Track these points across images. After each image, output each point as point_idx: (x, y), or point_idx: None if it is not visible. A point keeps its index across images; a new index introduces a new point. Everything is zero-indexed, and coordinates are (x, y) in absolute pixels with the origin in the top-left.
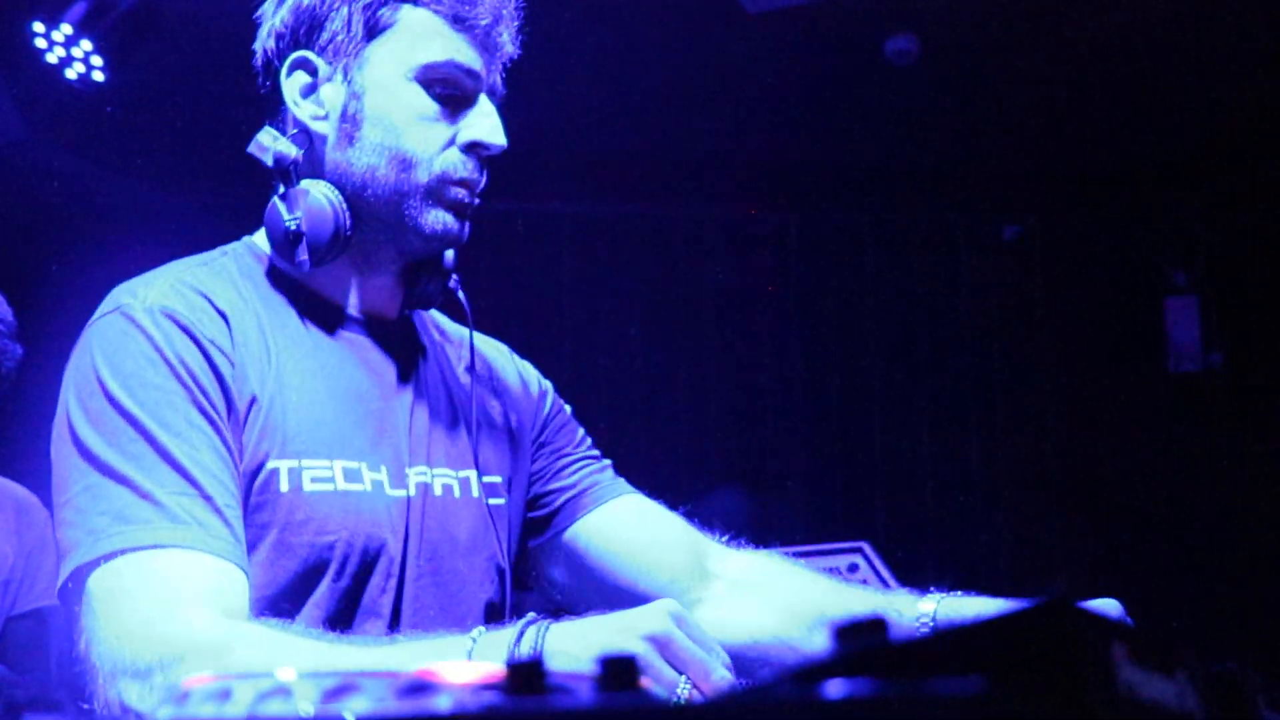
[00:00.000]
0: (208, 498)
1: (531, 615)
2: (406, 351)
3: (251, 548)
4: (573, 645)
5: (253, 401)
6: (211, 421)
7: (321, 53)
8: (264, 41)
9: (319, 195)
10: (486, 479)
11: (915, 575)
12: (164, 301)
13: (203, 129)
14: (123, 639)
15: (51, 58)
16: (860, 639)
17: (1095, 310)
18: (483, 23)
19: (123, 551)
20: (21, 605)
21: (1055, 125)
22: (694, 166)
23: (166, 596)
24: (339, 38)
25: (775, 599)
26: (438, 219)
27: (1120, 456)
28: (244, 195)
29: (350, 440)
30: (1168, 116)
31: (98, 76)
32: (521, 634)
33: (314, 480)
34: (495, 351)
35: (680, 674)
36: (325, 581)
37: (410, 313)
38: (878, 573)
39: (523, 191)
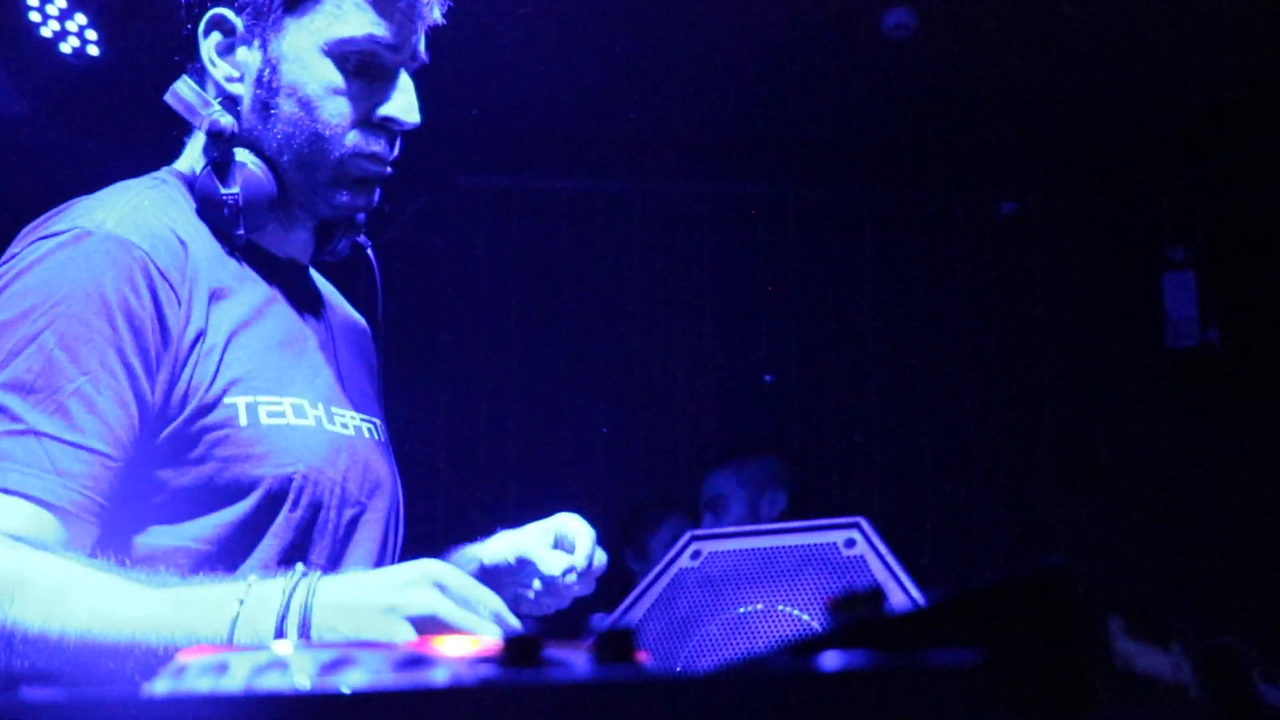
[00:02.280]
0: (82, 446)
1: (299, 567)
2: (317, 299)
3: (212, 480)
4: (341, 622)
5: (199, 336)
6: (127, 366)
7: (240, 12)
8: None
9: (254, 168)
10: (385, 427)
11: (913, 551)
12: (120, 230)
13: None
14: None
15: (46, 31)
16: (856, 611)
17: (1092, 286)
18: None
19: None
20: None
21: (1053, 100)
22: (689, 142)
23: None
24: (259, 3)
25: None
26: (345, 193)
27: (1117, 432)
28: None
29: (293, 378)
30: (1165, 92)
31: (93, 51)
32: (290, 596)
33: (269, 415)
34: (359, 314)
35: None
36: (283, 512)
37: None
38: (875, 549)
39: (518, 168)
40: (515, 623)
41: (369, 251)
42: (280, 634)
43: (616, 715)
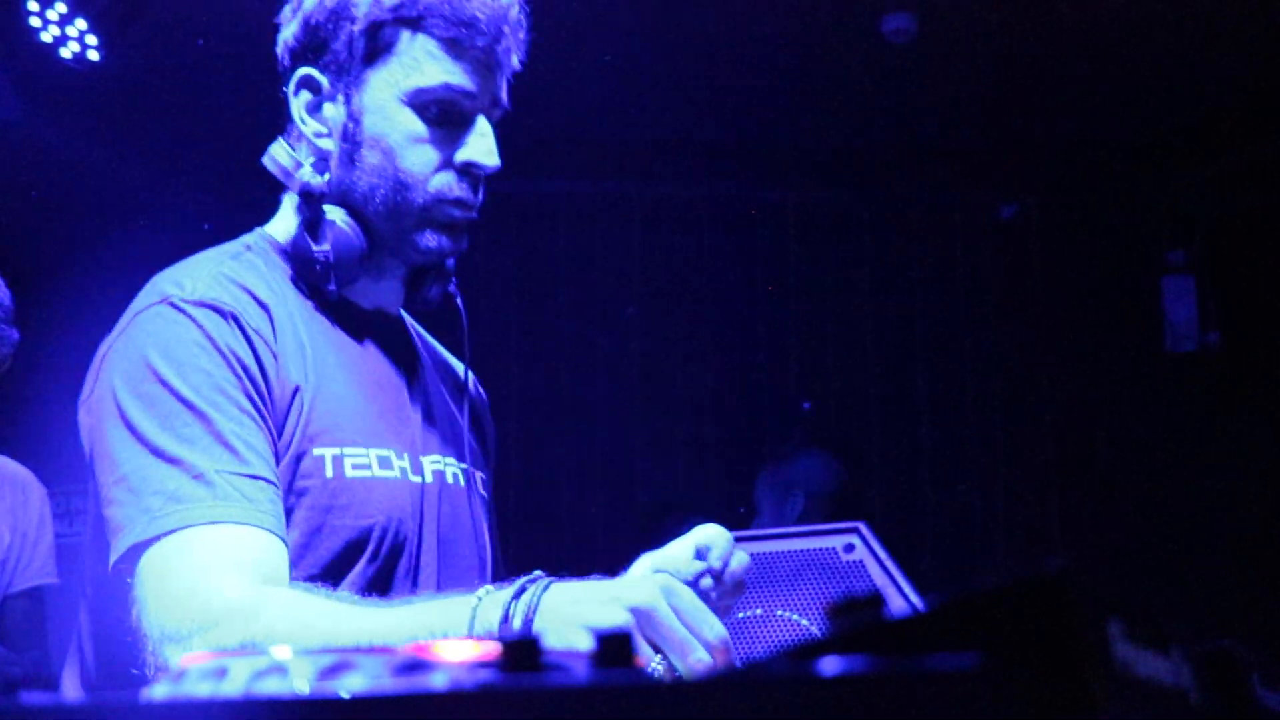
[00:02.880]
0: (255, 476)
1: (537, 573)
2: (408, 347)
3: (296, 528)
4: (565, 609)
5: (295, 391)
6: (258, 409)
7: (325, 71)
8: (280, 49)
9: (344, 226)
10: (482, 475)
11: (912, 555)
12: (209, 293)
13: (198, 108)
14: (167, 607)
15: (46, 36)
16: (855, 616)
17: (1092, 289)
18: (480, 44)
19: (175, 530)
20: (18, 584)
21: (1052, 104)
22: (689, 146)
23: (207, 566)
24: (341, 59)
25: None
26: (432, 238)
27: (1117, 435)
28: (238, 175)
29: (379, 429)
30: (1165, 95)
31: (93, 56)
32: (520, 593)
33: (354, 467)
34: (456, 359)
35: (657, 651)
36: (361, 562)
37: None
38: (874, 553)
39: (518, 172)
40: (720, 659)
41: (458, 301)
42: (506, 618)
43: None
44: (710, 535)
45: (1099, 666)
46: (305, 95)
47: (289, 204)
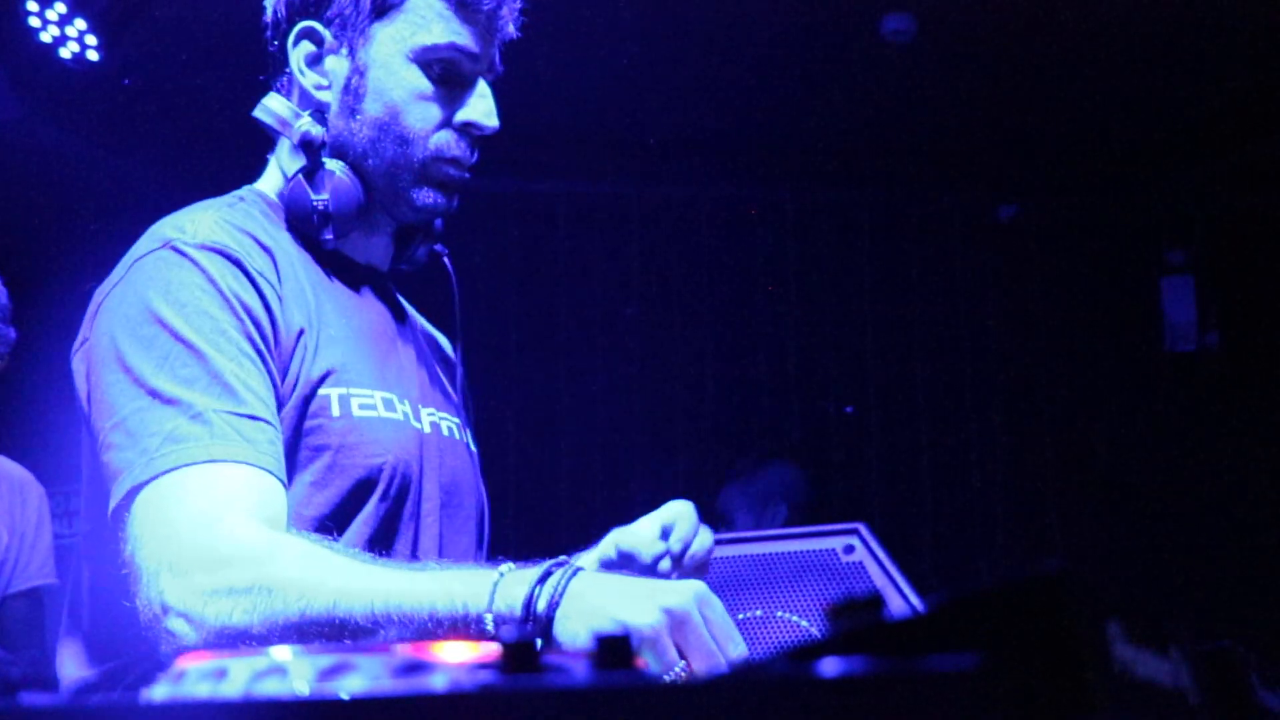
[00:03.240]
0: (255, 417)
1: (562, 558)
2: (397, 303)
3: (305, 468)
4: (593, 599)
5: (301, 332)
6: (259, 352)
7: (328, 24)
8: (273, 4)
9: (344, 177)
10: (469, 428)
11: (912, 556)
12: (213, 237)
13: (197, 108)
14: (169, 540)
15: (45, 36)
16: (855, 617)
17: (1091, 290)
18: (485, 7)
19: (173, 469)
20: (17, 584)
21: (1052, 104)
22: (688, 146)
23: (212, 503)
24: (347, 12)
25: None
26: (428, 194)
27: (1116, 436)
28: (236, 175)
29: (383, 374)
30: (1164, 96)
31: (92, 56)
32: (546, 576)
33: (361, 407)
34: (439, 332)
35: (682, 658)
36: (372, 500)
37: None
38: (874, 554)
39: (517, 171)
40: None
41: (446, 260)
42: (531, 600)
43: None
44: (675, 513)
45: (1098, 667)
46: (306, 47)
47: (278, 160)
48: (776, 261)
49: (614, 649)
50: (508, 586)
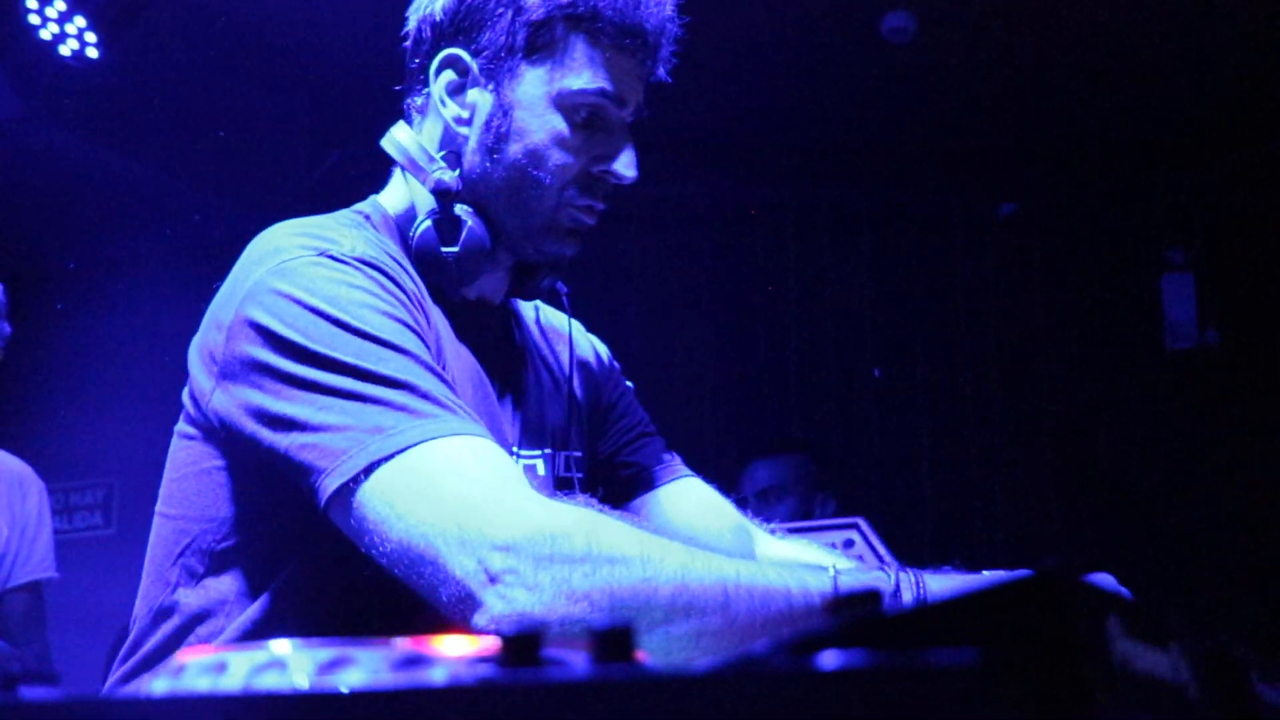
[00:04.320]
0: (464, 409)
1: (893, 566)
2: (507, 332)
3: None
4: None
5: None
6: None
7: (475, 55)
8: (418, 22)
9: (477, 228)
10: (572, 456)
11: (911, 552)
12: (368, 252)
13: (198, 105)
14: (465, 508)
15: (45, 34)
16: (854, 610)
17: (1091, 288)
18: (640, 54)
19: (423, 441)
20: (17, 578)
21: (1051, 103)
22: (687, 144)
23: (489, 472)
24: (497, 46)
25: None
26: (555, 242)
27: (1116, 434)
28: (236, 172)
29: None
30: (1164, 94)
31: (92, 53)
32: (901, 571)
33: None
34: (579, 333)
35: None
36: None
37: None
38: (873, 549)
39: None
40: None
41: (565, 299)
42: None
43: (615, 714)
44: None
45: (1098, 663)
46: (449, 75)
47: (408, 184)
48: (776, 260)
49: (614, 642)
50: (846, 579)
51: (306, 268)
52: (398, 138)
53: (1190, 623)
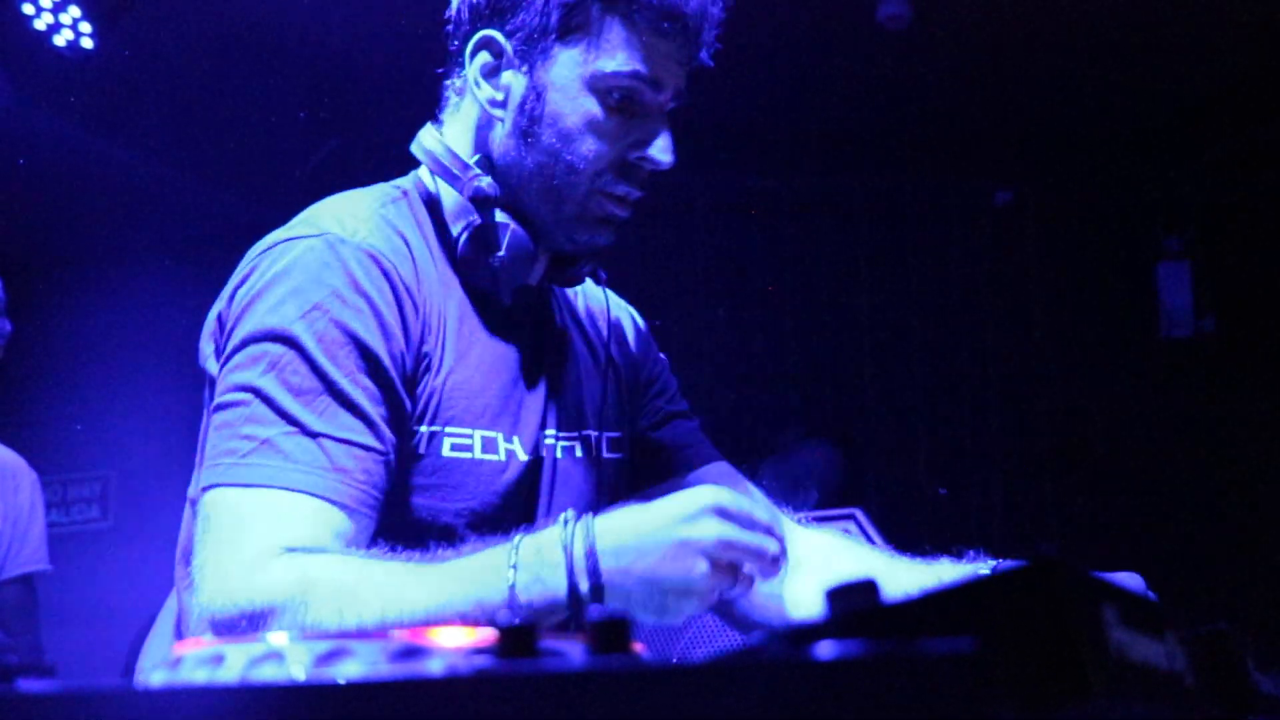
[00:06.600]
0: (359, 444)
1: (566, 517)
2: (543, 316)
3: (395, 505)
4: (634, 565)
5: (428, 356)
6: (388, 371)
7: (510, 36)
8: (459, 3)
9: (520, 232)
10: (611, 436)
11: (908, 542)
12: (370, 239)
13: (192, 96)
14: (198, 569)
15: (39, 24)
16: (851, 601)
17: (1087, 275)
18: (678, 38)
19: (253, 486)
20: (10, 570)
21: (1047, 90)
22: (683, 132)
23: (248, 538)
24: (531, 27)
25: (834, 579)
26: (589, 229)
27: (1112, 421)
28: (231, 162)
29: (492, 409)
30: (1160, 81)
31: (86, 43)
32: (570, 544)
33: (453, 448)
34: (617, 308)
35: (736, 575)
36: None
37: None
38: (870, 539)
39: None
40: (782, 536)
41: (605, 289)
42: (573, 585)
43: (612, 706)
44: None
45: (1094, 650)
46: (484, 57)
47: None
48: (772, 248)
49: (611, 632)
50: (528, 580)
51: (298, 254)
52: (426, 144)
53: (1186, 609)
